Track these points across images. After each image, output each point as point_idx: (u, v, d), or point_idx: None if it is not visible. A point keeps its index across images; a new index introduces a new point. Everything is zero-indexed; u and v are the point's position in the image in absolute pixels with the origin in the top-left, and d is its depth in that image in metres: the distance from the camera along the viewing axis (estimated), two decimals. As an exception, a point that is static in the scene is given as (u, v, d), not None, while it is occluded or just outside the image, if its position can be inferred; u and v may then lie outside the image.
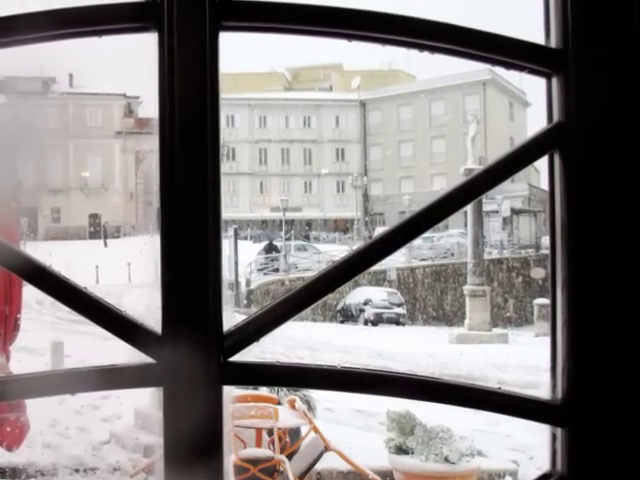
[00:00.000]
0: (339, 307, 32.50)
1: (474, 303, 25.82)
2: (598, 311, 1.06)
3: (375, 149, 62.64)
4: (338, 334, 24.26)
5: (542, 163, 1.13)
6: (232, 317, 1.12)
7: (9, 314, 6.26)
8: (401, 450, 7.69)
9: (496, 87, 58.13)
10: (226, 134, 54.41)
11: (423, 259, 37.22)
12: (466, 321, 25.80)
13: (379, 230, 37.98)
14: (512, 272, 37.80)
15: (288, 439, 8.02)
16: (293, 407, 7.98)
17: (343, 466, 8.14)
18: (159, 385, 1.04)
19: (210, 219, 1.04)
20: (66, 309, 1.06)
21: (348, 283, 1.11)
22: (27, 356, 11.38)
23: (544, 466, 1.14)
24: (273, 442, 7.45)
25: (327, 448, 7.60)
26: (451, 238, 38.38)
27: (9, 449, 6.48)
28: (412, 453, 7.59)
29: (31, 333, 11.84)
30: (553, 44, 1.09)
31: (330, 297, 24.46)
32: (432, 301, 36.20)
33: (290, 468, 7.28)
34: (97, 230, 52.70)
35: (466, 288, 26.64)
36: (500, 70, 1.17)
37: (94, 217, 55.00)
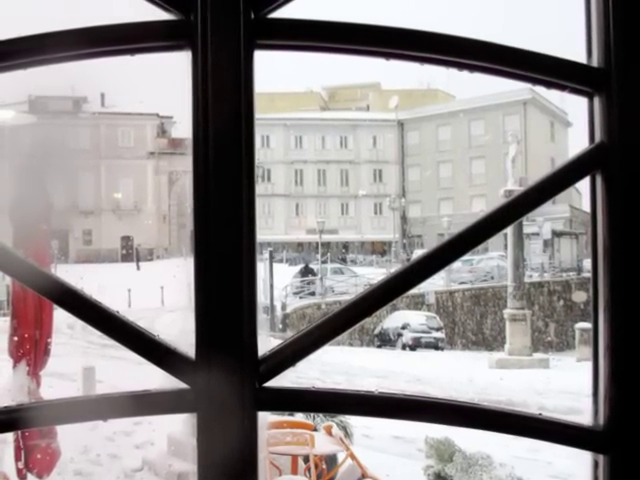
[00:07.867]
0: (376, 331, 32.39)
1: (514, 327, 25.62)
2: (642, 336, 1.04)
3: (413, 170, 62.50)
4: (375, 359, 24.21)
5: (584, 184, 1.11)
6: (267, 342, 1.10)
7: (39, 338, 6.28)
8: (440, 477, 7.62)
9: (537, 107, 57.81)
10: (261, 155, 54.69)
11: (462, 282, 37.03)
12: (506, 346, 25.60)
13: (417, 253, 37.87)
14: (553, 296, 37.47)
15: (324, 466, 7.96)
16: (330, 433, 7.92)
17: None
18: (193, 411, 1.03)
19: (245, 241, 1.03)
20: (98, 333, 1.06)
21: (386, 307, 1.10)
22: (58, 381, 11.45)
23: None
24: (309, 469, 7.41)
25: (364, 475, 7.52)
26: (491, 261, 38.14)
27: (39, 476, 6.47)
28: (451, 480, 7.51)
29: (62, 358, 11.90)
30: (595, 63, 1.08)
31: (367, 321, 24.41)
32: (471, 325, 35.97)
33: (327, 495, 7.23)
34: (129, 253, 52.66)
35: (506, 312, 26.45)
36: (541, 89, 1.16)
37: (126, 239, 54.75)
